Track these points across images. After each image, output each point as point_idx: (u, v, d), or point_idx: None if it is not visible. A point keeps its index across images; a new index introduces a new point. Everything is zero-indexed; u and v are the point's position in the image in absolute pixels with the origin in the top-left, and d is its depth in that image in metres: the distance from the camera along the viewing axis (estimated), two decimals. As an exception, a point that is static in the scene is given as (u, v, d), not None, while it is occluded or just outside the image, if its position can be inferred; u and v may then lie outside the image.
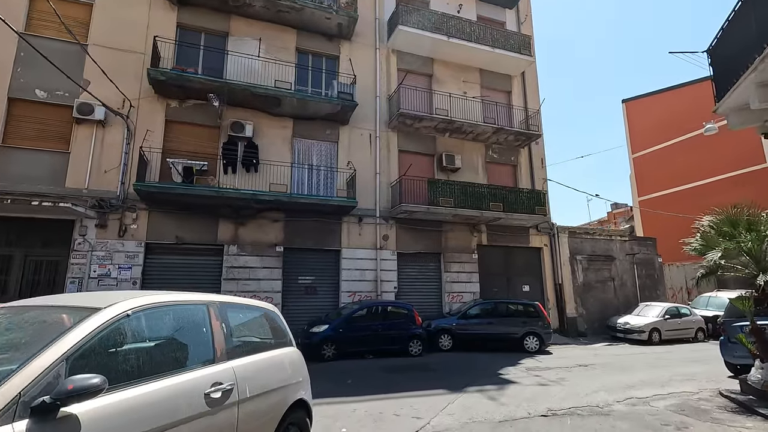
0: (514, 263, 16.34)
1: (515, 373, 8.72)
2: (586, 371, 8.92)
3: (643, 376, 8.32)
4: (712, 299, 17.64)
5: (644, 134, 31.14)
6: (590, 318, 16.80)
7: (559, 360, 10.66)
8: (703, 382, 7.70)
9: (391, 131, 15.24)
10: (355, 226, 13.97)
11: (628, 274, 18.22)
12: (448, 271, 14.96)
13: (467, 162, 16.12)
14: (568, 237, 17.27)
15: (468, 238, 15.51)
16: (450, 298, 14.73)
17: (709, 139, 27.01)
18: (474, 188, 14.81)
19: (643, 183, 30.77)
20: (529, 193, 15.72)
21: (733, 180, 24.97)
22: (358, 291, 13.52)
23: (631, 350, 12.86)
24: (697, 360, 10.51)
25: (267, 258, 12.71)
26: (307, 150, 14.11)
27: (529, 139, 16.76)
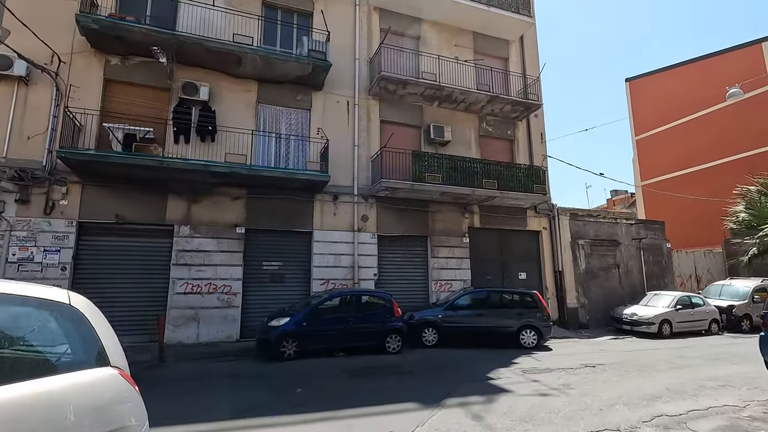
0: (510, 248, 14.73)
1: (509, 376, 7.14)
2: (595, 374, 7.35)
3: (667, 381, 6.76)
4: (725, 288, 16.17)
5: (648, 115, 29.43)
6: (593, 308, 15.27)
7: (561, 358, 9.10)
8: (744, 391, 6.13)
9: (372, 99, 13.46)
10: (330, 204, 12.27)
11: (634, 260, 16.67)
12: (435, 256, 13.33)
13: (458, 135, 14.39)
14: (570, 220, 15.65)
15: (458, 219, 13.85)
16: (438, 286, 13.13)
17: (717, 120, 25.43)
18: (465, 163, 13.11)
19: (647, 166, 29.14)
20: (527, 170, 14.04)
21: (744, 161, 23.32)
22: (332, 279, 11.88)
23: (642, 345, 11.33)
24: (722, 358, 8.98)
25: (225, 240, 11.02)
26: (275, 118, 12.33)
27: (528, 110, 15.02)
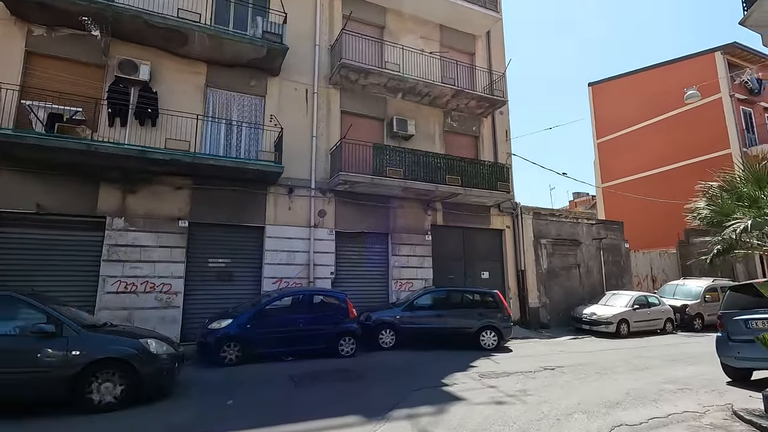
0: (473, 246, 14.42)
1: (465, 382, 6.67)
2: (553, 378, 7.01)
3: (626, 385, 6.48)
4: (679, 287, 16.54)
5: (609, 119, 30.17)
6: (554, 308, 15.21)
7: (520, 361, 8.76)
8: (702, 395, 5.91)
9: (332, 88, 12.78)
10: (284, 198, 11.51)
11: (594, 260, 16.78)
12: (396, 254, 12.81)
13: (422, 129, 13.93)
14: (533, 219, 15.53)
15: (421, 216, 13.39)
16: (398, 285, 12.61)
17: (673, 125, 26.30)
18: (429, 158, 12.67)
19: (607, 169, 29.87)
20: (492, 167, 13.76)
21: (697, 166, 24.18)
22: (285, 277, 11.13)
23: (601, 345, 11.22)
24: (679, 359, 8.90)
25: (166, 235, 10.06)
26: (226, 104, 11.44)
27: (493, 107, 14.76)
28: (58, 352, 4.82)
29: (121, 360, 5.10)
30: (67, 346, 4.86)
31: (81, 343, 4.95)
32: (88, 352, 4.94)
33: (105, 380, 4.99)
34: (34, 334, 4.77)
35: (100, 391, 4.97)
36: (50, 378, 4.73)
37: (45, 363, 4.75)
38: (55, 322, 4.92)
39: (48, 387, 4.74)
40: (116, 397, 5.03)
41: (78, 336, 4.97)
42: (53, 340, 4.82)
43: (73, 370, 4.81)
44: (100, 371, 4.98)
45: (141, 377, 5.16)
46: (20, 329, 4.84)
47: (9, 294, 5.18)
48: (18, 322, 4.90)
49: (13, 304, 5.03)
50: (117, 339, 5.37)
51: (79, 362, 4.85)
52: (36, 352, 4.74)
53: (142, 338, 5.51)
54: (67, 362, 4.80)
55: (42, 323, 4.83)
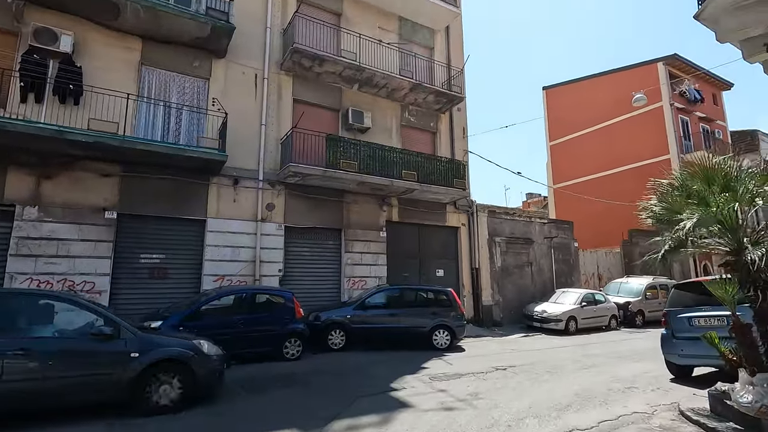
0: (429, 244, 14.20)
1: (414, 386, 6.31)
2: (505, 379, 6.80)
3: (576, 385, 6.38)
4: (623, 285, 17.23)
5: (561, 122, 31.19)
6: (507, 306, 15.32)
7: (472, 361, 8.56)
8: (649, 394, 5.88)
9: (284, 74, 12.05)
10: (229, 189, 10.69)
11: (545, 258, 17.11)
12: (349, 251, 12.31)
13: (379, 123, 13.50)
14: (488, 217, 15.56)
15: (375, 212, 12.97)
16: (351, 283, 12.13)
17: (619, 130, 27.55)
18: (384, 152, 12.26)
19: (558, 170, 30.90)
20: (448, 163, 13.58)
21: (641, 170, 25.48)
22: (228, 274, 10.33)
23: (551, 342, 11.32)
24: (624, 356, 9.05)
25: (89, 227, 8.99)
26: (164, 84, 10.44)
27: (451, 102, 14.59)
28: (117, 354, 4.76)
29: (179, 361, 5.08)
30: (126, 348, 4.80)
31: (139, 345, 4.89)
32: (146, 353, 4.89)
33: (164, 382, 4.96)
34: (95, 336, 4.66)
35: (159, 392, 4.92)
36: (111, 380, 4.67)
37: (106, 365, 4.70)
38: (113, 323, 4.83)
39: (109, 389, 4.69)
40: (173, 399, 4.98)
41: (135, 338, 4.92)
42: (112, 343, 4.74)
43: (132, 372, 4.75)
44: (159, 373, 4.95)
45: (197, 378, 5.14)
46: (80, 332, 4.74)
47: (66, 296, 5.14)
48: (76, 325, 4.80)
49: (69, 305, 4.93)
50: (173, 340, 5.37)
51: (139, 364, 4.79)
52: (97, 354, 4.69)
53: (195, 339, 5.51)
54: (127, 364, 4.74)
55: (101, 325, 4.73)
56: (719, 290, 4.49)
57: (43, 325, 4.74)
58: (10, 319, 4.54)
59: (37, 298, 5.08)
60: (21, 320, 4.64)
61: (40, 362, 4.35)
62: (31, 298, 5.02)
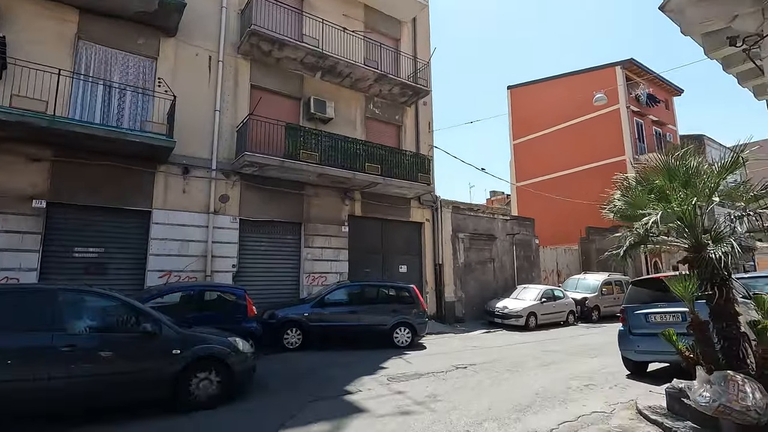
0: (392, 239, 13.92)
1: (371, 388, 5.98)
2: (465, 378, 6.60)
3: (536, 383, 6.26)
4: (580, 281, 17.65)
5: (525, 121, 31.80)
6: (469, 302, 15.31)
7: (433, 359, 8.34)
8: (607, 391, 5.84)
9: (241, 58, 11.35)
10: (178, 179, 9.94)
11: (507, 255, 17.26)
12: (310, 246, 11.82)
13: (342, 114, 13.05)
14: (452, 213, 15.47)
15: (337, 206, 12.53)
16: (310, 280, 11.65)
17: (579, 131, 28.36)
18: (347, 143, 11.82)
19: (521, 169, 31.50)
20: (413, 158, 13.32)
21: (599, 169, 26.36)
22: (176, 270, 9.61)
23: (511, 339, 11.33)
24: (582, 351, 9.12)
25: (13, 217, 8.07)
26: (104, 62, 9.54)
27: (417, 95, 14.33)
28: (161, 351, 4.81)
29: (217, 358, 5.16)
30: (168, 346, 4.86)
31: (180, 343, 4.95)
32: (187, 350, 4.95)
33: (203, 378, 5.03)
34: (141, 334, 4.68)
35: (200, 388, 5.00)
36: (155, 378, 4.73)
37: (150, 363, 4.74)
38: (155, 321, 4.86)
39: (152, 387, 4.74)
40: (212, 395, 5.05)
41: (176, 335, 4.97)
42: (156, 340, 4.78)
43: (174, 369, 4.81)
44: (200, 370, 5.02)
45: (234, 375, 5.24)
46: (126, 329, 4.74)
47: (110, 293, 5.11)
48: (122, 322, 4.79)
49: (113, 302, 4.92)
50: (212, 337, 5.38)
51: (181, 361, 4.85)
52: (142, 352, 4.73)
53: (230, 337, 5.55)
54: (169, 361, 4.80)
55: (146, 323, 4.75)
56: (679, 287, 4.43)
57: (91, 322, 4.72)
58: (57, 316, 4.45)
59: (83, 294, 4.96)
60: (69, 317, 4.57)
61: (88, 360, 4.36)
62: (78, 295, 4.89)
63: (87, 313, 4.75)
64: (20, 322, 4.27)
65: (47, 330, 4.25)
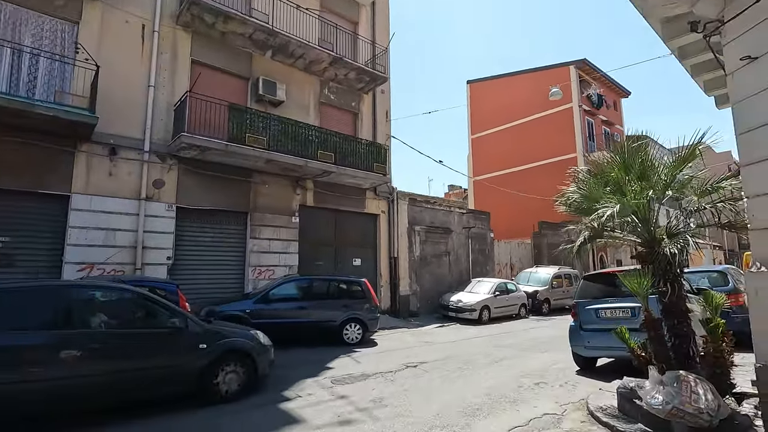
0: (346, 231, 13.40)
1: (312, 392, 5.48)
2: (415, 378, 6.24)
3: (487, 382, 6.01)
4: (532, 275, 17.94)
5: (483, 116, 32.12)
6: (424, 295, 15.12)
7: (383, 357, 7.95)
8: (558, 390, 5.66)
9: (181, 29, 10.32)
10: (103, 160, 8.88)
11: (463, 248, 17.23)
12: (256, 237, 11.06)
13: (295, 97, 12.30)
14: (408, 205, 15.15)
15: (288, 195, 11.82)
16: (256, 273, 10.91)
17: (534, 128, 28.95)
18: (299, 128, 11.12)
19: (479, 163, 31.84)
20: (369, 146, 12.81)
21: (552, 166, 27.06)
22: (99, 262, 8.60)
23: (464, 333, 11.18)
24: (534, 346, 9.06)
25: None
26: (14, 23, 8.28)
27: (375, 82, 13.81)
28: (188, 346, 4.82)
29: (242, 351, 5.24)
30: (195, 341, 4.87)
31: (206, 337, 4.97)
32: (213, 345, 4.99)
33: (229, 372, 5.07)
34: (169, 329, 4.73)
35: (226, 382, 5.03)
36: (183, 373, 4.75)
37: (177, 358, 4.75)
38: (181, 316, 4.89)
39: (180, 382, 4.76)
40: (237, 389, 5.09)
41: (202, 329, 5.02)
42: (183, 335, 4.80)
43: (201, 363, 4.84)
44: (226, 363, 5.06)
45: (257, 368, 5.32)
46: (155, 325, 4.78)
47: (135, 289, 5.01)
48: (151, 318, 4.83)
49: (140, 299, 4.87)
50: (236, 331, 5.51)
51: (208, 355, 4.89)
52: (170, 347, 4.74)
53: (251, 330, 5.69)
54: (196, 356, 4.82)
55: (174, 318, 4.78)
56: (633, 283, 4.25)
57: (121, 318, 4.74)
58: (89, 312, 4.48)
59: (112, 291, 4.94)
60: (100, 313, 4.56)
61: (118, 356, 4.36)
62: (107, 291, 4.90)
63: (116, 310, 4.78)
64: (50, 319, 4.20)
65: (76, 327, 4.24)
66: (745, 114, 3.79)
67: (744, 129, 3.78)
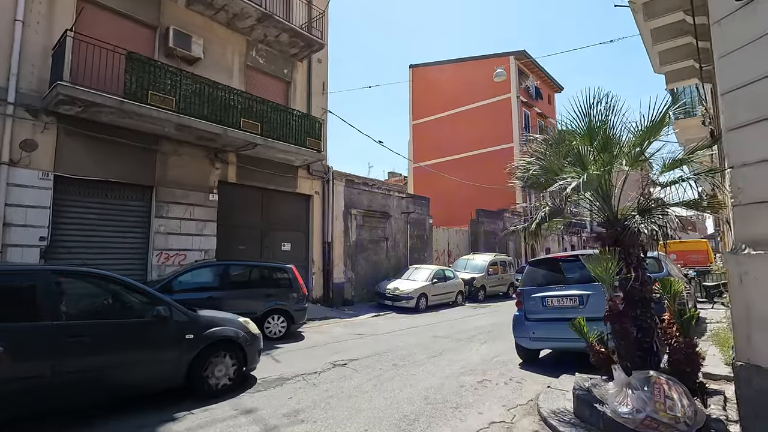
0: (275, 213, 12.07)
1: (211, 406, 4.33)
2: (342, 381, 5.31)
3: (426, 381, 5.25)
4: (469, 262, 17.76)
5: (425, 102, 31.68)
6: (360, 283, 14.25)
7: (309, 354, 6.94)
8: (503, 389, 5.02)
9: (64, -46, 8.28)
10: (-56, 110, 6.80)
11: (401, 234, 16.56)
12: (164, 216, 9.42)
13: (215, 56, 10.66)
14: (345, 186, 14.09)
15: (205, 169, 10.25)
16: (163, 258, 9.31)
17: (474, 116, 29.01)
18: (218, 91, 9.55)
19: (419, 149, 31.45)
20: (302, 118, 11.51)
21: (490, 155, 27.32)
22: (-63, 243, 6.60)
23: (401, 323, 10.46)
24: (473, 336, 8.52)
25: None
26: None
27: (310, 48, 12.46)
28: (174, 337, 4.40)
29: (231, 341, 4.85)
30: (181, 331, 4.45)
31: (192, 327, 4.56)
32: (201, 334, 4.58)
33: (218, 363, 4.70)
34: (154, 319, 4.25)
35: (216, 374, 4.66)
36: (170, 366, 4.36)
37: (164, 350, 4.35)
38: (165, 304, 4.41)
39: (167, 375, 4.37)
40: (228, 381, 4.75)
41: (188, 318, 4.58)
42: (168, 325, 4.36)
43: (189, 355, 4.44)
44: (214, 354, 4.67)
45: (247, 358, 4.98)
46: (138, 314, 4.35)
47: (116, 276, 4.49)
48: (133, 307, 4.43)
49: (120, 287, 4.46)
50: (224, 319, 5.04)
51: (195, 347, 4.50)
52: (155, 338, 4.32)
53: (241, 318, 5.31)
54: (183, 347, 4.42)
55: (158, 306, 4.30)
56: (598, 268, 3.62)
57: (100, 308, 4.39)
58: (58, 302, 3.86)
59: (90, 278, 4.43)
60: (79, 302, 4.32)
61: (100, 350, 3.91)
62: (86, 279, 4.43)
63: (88, 298, 4.46)
64: (15, 309, 3.71)
65: (48, 318, 3.71)
66: (732, 69, 3.22)
67: (730, 86, 3.21)
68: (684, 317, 3.45)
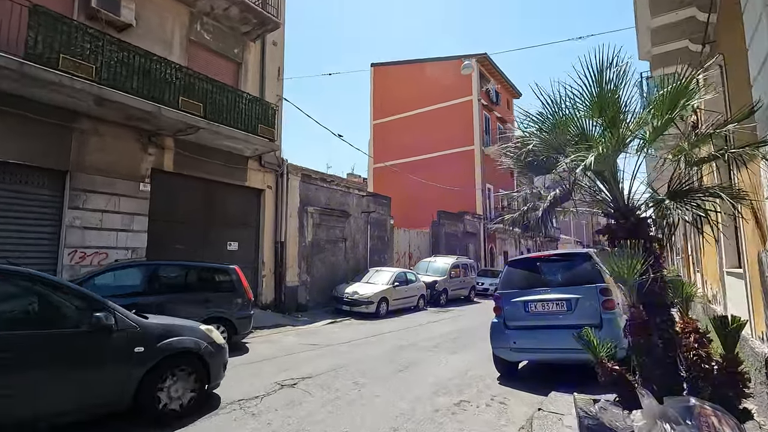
0: (220, 208, 10.75)
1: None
2: (289, 408, 4.27)
3: (393, 405, 4.34)
4: (431, 264, 17.12)
5: (386, 102, 31.00)
6: (315, 286, 13.12)
7: (252, 370, 5.82)
8: (485, 411, 4.21)
9: None
10: None
11: (361, 234, 15.61)
12: (80, 207, 7.90)
13: (151, 25, 9.26)
14: (301, 181, 12.95)
15: (135, 153, 8.81)
16: (78, 257, 7.80)
17: (435, 118, 28.65)
18: (150, 61, 8.19)
19: (380, 149, 30.65)
20: (253, 102, 10.30)
21: (453, 156, 27.05)
22: None
23: (361, 331, 9.50)
24: (441, 344, 7.72)
25: None
26: None
27: (263, 27, 11.27)
28: (118, 350, 3.60)
29: (192, 354, 4.06)
30: (128, 342, 3.64)
31: (143, 337, 3.75)
32: (153, 347, 3.78)
33: (177, 380, 3.91)
34: (90, 329, 3.43)
35: (171, 394, 3.87)
36: (113, 386, 3.57)
37: (106, 366, 3.55)
38: (108, 310, 3.57)
39: (112, 399, 3.57)
40: (187, 402, 3.96)
41: (136, 327, 3.75)
42: (110, 336, 3.54)
43: (138, 372, 3.66)
44: (170, 370, 3.89)
45: (210, 373, 4.19)
46: (72, 323, 3.47)
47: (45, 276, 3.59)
48: (65, 314, 3.51)
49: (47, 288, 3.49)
50: (183, 328, 4.21)
51: (147, 361, 3.72)
52: (93, 352, 3.50)
53: (202, 325, 4.53)
54: (132, 363, 3.65)
55: (98, 312, 3.46)
56: (623, 267, 2.88)
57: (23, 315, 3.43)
58: None
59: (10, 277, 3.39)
60: None
61: (22, 369, 3.13)
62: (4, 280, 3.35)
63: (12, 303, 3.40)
64: None
65: None
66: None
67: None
68: (730, 327, 2.77)
